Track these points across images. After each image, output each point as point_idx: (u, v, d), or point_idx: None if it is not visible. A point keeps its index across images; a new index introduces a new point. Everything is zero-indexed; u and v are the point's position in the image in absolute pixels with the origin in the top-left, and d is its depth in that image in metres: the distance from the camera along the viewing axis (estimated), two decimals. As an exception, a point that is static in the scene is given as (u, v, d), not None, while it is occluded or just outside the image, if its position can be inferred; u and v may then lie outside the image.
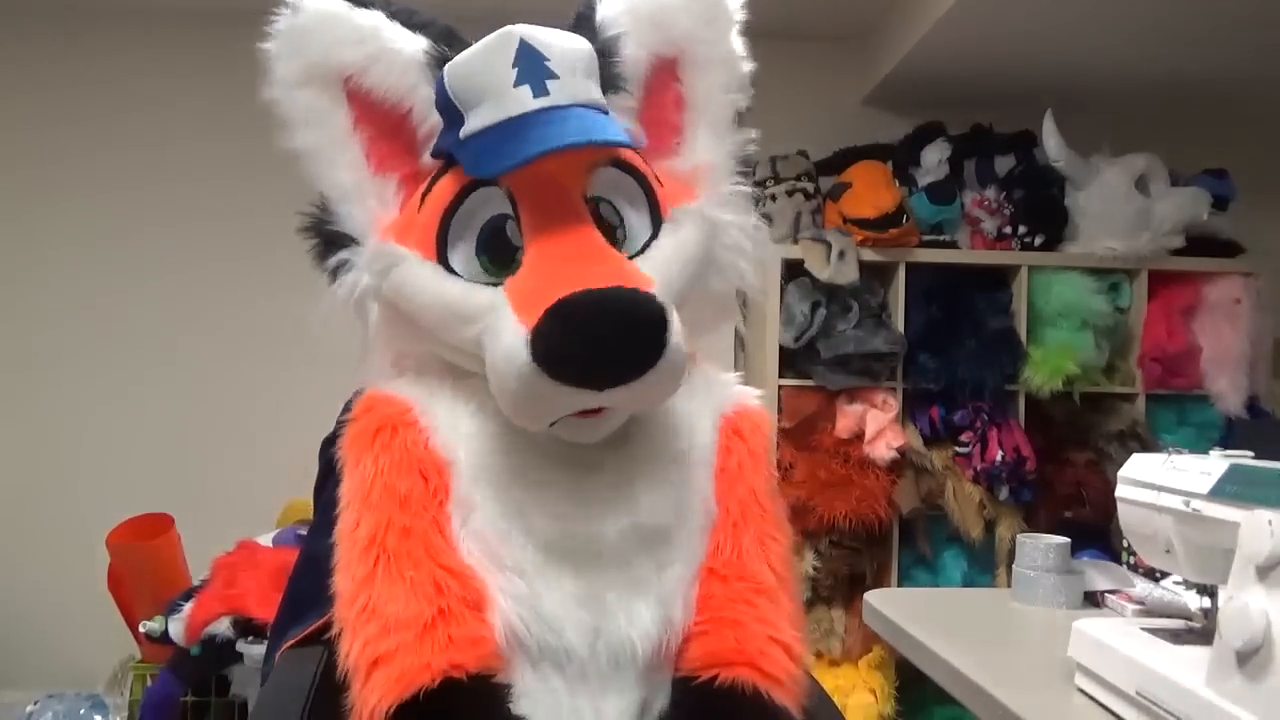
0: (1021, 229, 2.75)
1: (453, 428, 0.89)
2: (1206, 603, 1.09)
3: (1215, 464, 0.99)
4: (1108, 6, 2.37)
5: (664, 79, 0.96)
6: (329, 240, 0.91)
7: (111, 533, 2.44)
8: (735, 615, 0.88)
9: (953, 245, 2.76)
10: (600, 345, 0.77)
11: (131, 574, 2.45)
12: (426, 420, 0.90)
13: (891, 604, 1.55)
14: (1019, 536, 1.62)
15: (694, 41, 0.95)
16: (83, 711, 2.46)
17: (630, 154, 0.90)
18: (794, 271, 2.68)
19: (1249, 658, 0.85)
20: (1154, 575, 1.50)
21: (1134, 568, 1.58)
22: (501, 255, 0.86)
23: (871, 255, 2.66)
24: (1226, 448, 1.03)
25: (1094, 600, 1.53)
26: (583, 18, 0.94)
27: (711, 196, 0.95)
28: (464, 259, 0.87)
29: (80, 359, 3.00)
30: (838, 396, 2.66)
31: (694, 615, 0.89)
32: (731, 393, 0.99)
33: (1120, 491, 1.13)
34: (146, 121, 3.02)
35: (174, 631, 2.20)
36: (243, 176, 2.97)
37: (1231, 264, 2.80)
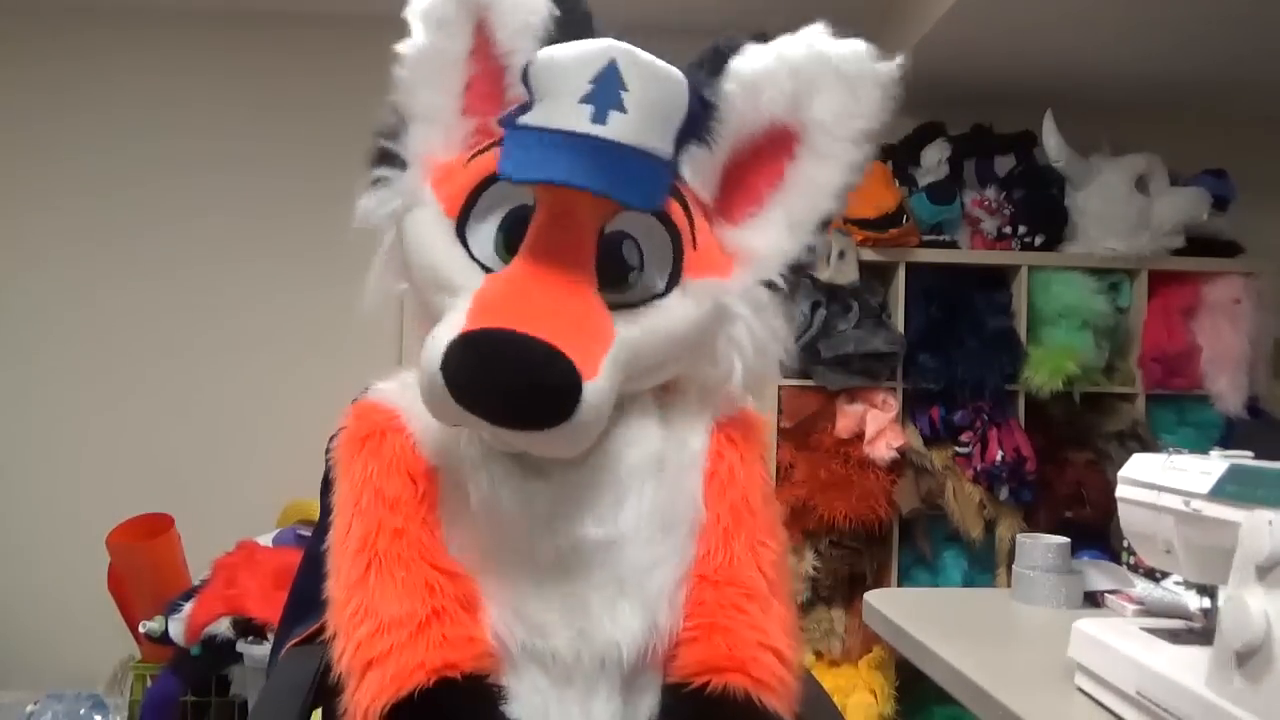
0: (1021, 229, 2.75)
1: (438, 434, 0.89)
2: (1206, 603, 1.09)
3: (1215, 464, 0.99)
4: (1108, 6, 2.37)
5: (778, 149, 0.93)
6: (383, 153, 0.91)
7: (111, 533, 2.44)
8: (727, 621, 0.87)
9: (953, 245, 2.76)
10: (493, 390, 0.77)
11: (131, 574, 2.45)
12: (413, 427, 0.90)
13: (891, 604, 1.55)
14: (1019, 536, 1.62)
15: (823, 131, 0.91)
16: (83, 711, 2.46)
17: (674, 205, 0.88)
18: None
19: (1249, 658, 0.85)
20: (1154, 575, 1.50)
21: (1134, 568, 1.58)
22: (517, 243, 0.86)
23: (871, 255, 2.66)
24: (1226, 448, 1.03)
25: (1094, 600, 1.53)
26: (719, 55, 0.91)
27: (742, 284, 0.93)
28: (484, 230, 0.87)
29: (80, 358, 3.00)
30: (838, 396, 2.66)
31: (683, 620, 0.88)
32: (726, 398, 0.98)
33: (1120, 491, 1.13)
34: (147, 121, 3.02)
35: (174, 631, 2.21)
36: (244, 175, 2.98)
37: (1231, 264, 2.79)
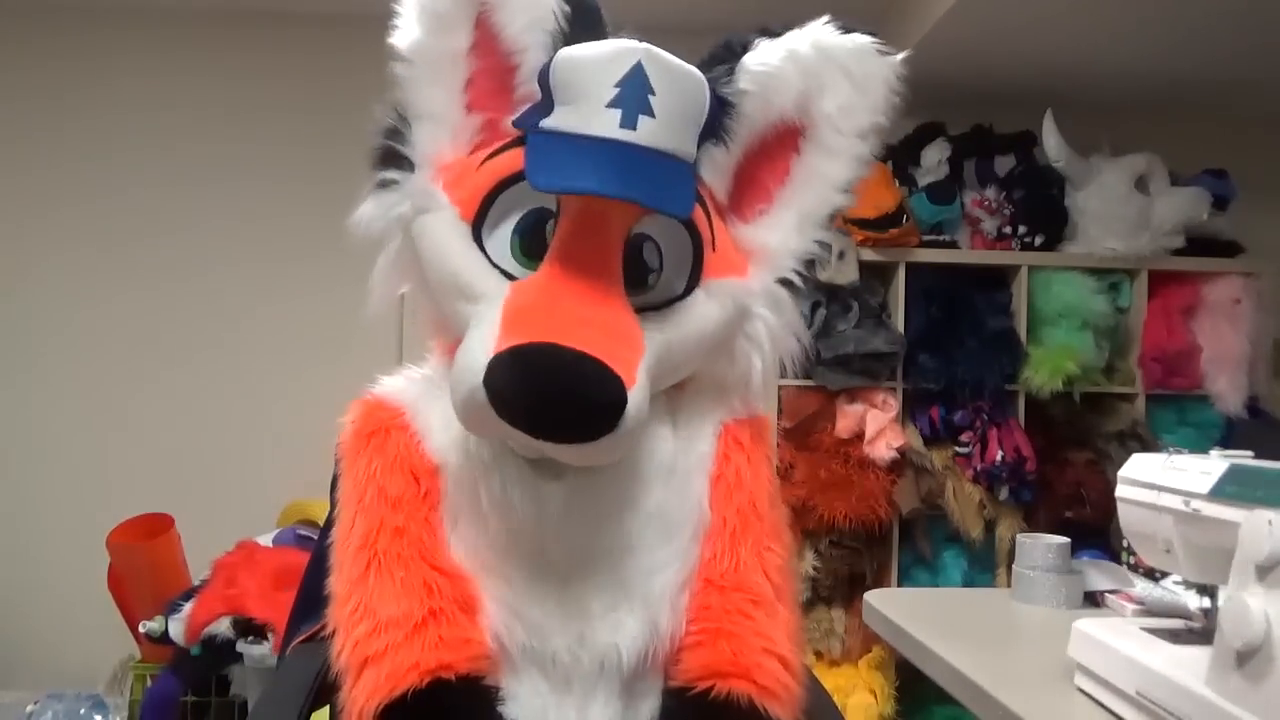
0: (1021, 229, 2.75)
1: (443, 432, 0.89)
2: (1206, 603, 1.09)
3: (1215, 464, 0.99)
4: (1108, 6, 2.37)
5: (784, 145, 0.93)
6: (387, 154, 0.89)
7: (111, 533, 2.44)
8: (731, 627, 0.87)
9: (953, 245, 2.76)
10: (546, 406, 0.76)
11: (131, 574, 2.45)
12: (418, 424, 0.90)
13: (891, 604, 1.55)
14: (1019, 536, 1.62)
15: (829, 125, 0.92)
16: (83, 711, 2.46)
17: (695, 208, 0.87)
18: (794, 271, 2.68)
19: (1249, 658, 0.85)
20: (1154, 575, 1.50)
21: (1134, 568, 1.57)
22: (533, 247, 0.85)
23: (871, 255, 2.66)
24: (1226, 448, 1.03)
25: (1094, 600, 1.53)
26: (730, 50, 0.91)
27: (759, 281, 0.93)
28: (499, 233, 0.86)
29: (80, 359, 3.00)
30: (838, 396, 2.66)
31: (686, 624, 0.88)
32: (743, 399, 0.97)
33: (1120, 491, 1.13)
34: (147, 122, 3.02)
35: (174, 631, 2.20)
36: (244, 178, 2.98)
37: (1231, 264, 2.80)
